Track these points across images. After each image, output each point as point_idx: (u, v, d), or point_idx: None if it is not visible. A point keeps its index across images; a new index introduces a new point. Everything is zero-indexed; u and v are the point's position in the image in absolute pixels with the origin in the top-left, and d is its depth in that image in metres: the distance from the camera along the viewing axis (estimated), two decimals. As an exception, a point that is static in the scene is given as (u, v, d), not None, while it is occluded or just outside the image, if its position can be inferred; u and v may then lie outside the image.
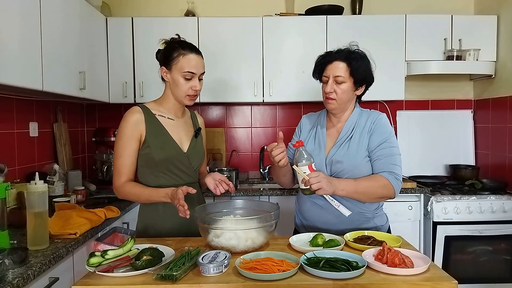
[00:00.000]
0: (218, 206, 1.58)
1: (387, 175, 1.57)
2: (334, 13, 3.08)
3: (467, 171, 3.13)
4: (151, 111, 1.64)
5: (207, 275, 1.15)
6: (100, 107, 3.33)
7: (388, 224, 1.77)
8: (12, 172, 2.21)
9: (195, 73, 1.60)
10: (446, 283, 1.11)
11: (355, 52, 1.63)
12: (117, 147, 1.60)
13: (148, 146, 1.60)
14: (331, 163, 1.63)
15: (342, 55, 1.62)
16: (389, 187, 1.57)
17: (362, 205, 1.63)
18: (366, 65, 1.63)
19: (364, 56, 1.65)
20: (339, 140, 1.66)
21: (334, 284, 1.10)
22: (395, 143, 1.63)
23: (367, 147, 1.62)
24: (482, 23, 3.08)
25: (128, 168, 1.59)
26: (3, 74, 1.69)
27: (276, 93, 3.05)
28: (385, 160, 1.59)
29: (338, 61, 1.61)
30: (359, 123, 1.67)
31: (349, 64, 1.60)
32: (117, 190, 1.60)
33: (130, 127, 1.58)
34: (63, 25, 2.25)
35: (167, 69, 1.63)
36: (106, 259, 1.20)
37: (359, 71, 1.60)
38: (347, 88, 1.61)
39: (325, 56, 1.66)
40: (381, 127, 1.63)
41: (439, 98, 3.45)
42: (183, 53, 1.60)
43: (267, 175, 3.35)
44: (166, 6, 3.37)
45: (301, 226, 1.78)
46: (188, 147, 1.69)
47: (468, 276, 2.70)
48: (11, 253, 1.34)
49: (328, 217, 1.65)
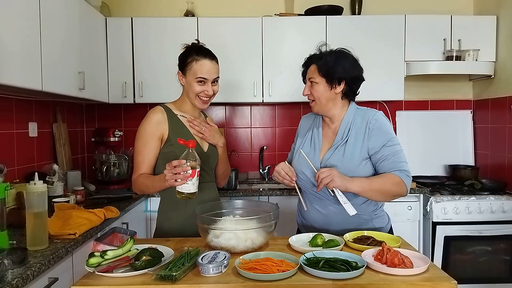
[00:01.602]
0: (218, 206, 1.58)
1: (398, 173, 1.56)
2: (333, 13, 3.08)
3: (466, 171, 3.13)
4: (173, 111, 1.69)
5: (207, 276, 1.15)
6: (99, 107, 3.32)
7: (390, 225, 1.74)
8: (11, 172, 2.21)
9: (207, 79, 1.64)
10: (446, 283, 1.11)
11: (328, 53, 1.64)
12: (137, 144, 1.65)
13: (171, 144, 1.63)
14: (326, 167, 1.60)
15: (314, 57, 1.66)
16: (402, 185, 1.55)
17: (359, 207, 1.60)
18: (337, 60, 1.60)
19: (336, 52, 1.64)
20: (335, 143, 1.64)
21: (334, 284, 1.10)
22: (396, 140, 1.61)
23: (368, 150, 1.60)
24: (481, 24, 3.08)
25: (147, 164, 1.63)
26: (3, 74, 1.68)
27: (275, 93, 3.05)
28: (392, 159, 1.57)
29: (312, 64, 1.65)
30: (354, 123, 1.64)
31: (317, 64, 1.62)
32: (133, 184, 1.67)
33: (153, 126, 1.63)
34: (63, 25, 2.25)
35: (182, 73, 1.68)
36: (106, 259, 1.19)
37: (329, 69, 1.59)
38: (321, 89, 1.62)
39: (307, 61, 1.70)
40: (380, 127, 1.61)
41: (439, 98, 3.45)
42: (196, 58, 1.64)
43: (266, 175, 3.35)
44: (165, 6, 3.37)
45: (301, 226, 1.79)
46: (208, 147, 1.74)
47: (467, 276, 2.70)
48: (11, 254, 1.34)
49: (325, 219, 1.64)
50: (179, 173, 1.38)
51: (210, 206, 1.56)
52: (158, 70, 2.99)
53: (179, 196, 1.43)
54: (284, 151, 3.44)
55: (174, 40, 1.73)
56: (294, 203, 2.80)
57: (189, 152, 1.41)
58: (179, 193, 1.42)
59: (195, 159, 1.41)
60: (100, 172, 2.89)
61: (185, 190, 1.41)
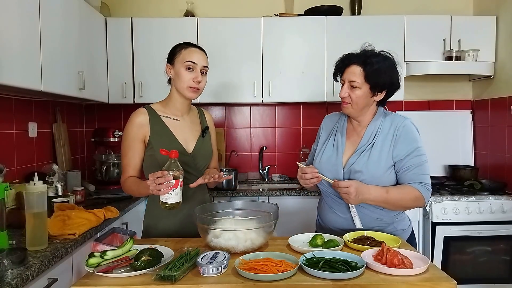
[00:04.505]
0: (217, 207, 1.58)
1: (418, 187, 1.52)
2: (333, 14, 3.09)
3: (466, 172, 3.13)
4: (156, 112, 1.67)
5: (206, 276, 1.15)
6: (99, 107, 3.32)
7: (411, 228, 1.69)
8: (11, 173, 2.20)
9: (196, 63, 1.61)
10: (445, 283, 1.11)
11: (375, 55, 1.53)
12: (123, 147, 1.66)
13: (152, 147, 1.62)
14: (350, 172, 1.55)
15: (360, 59, 1.53)
16: (420, 199, 1.52)
17: (381, 211, 1.57)
18: (387, 69, 1.52)
19: (386, 58, 1.55)
20: (360, 147, 1.57)
21: (333, 285, 1.10)
22: (423, 149, 1.55)
23: (393, 157, 1.54)
24: (481, 24, 3.08)
25: (132, 167, 1.64)
26: (3, 74, 1.68)
27: (275, 93, 3.05)
28: (415, 171, 1.53)
29: (355, 65, 1.53)
30: (382, 128, 1.57)
31: (364, 69, 1.51)
32: (121, 186, 1.68)
33: (134, 129, 1.63)
34: (63, 26, 2.25)
35: (170, 64, 1.66)
36: (105, 259, 1.19)
37: (376, 77, 1.50)
38: (362, 94, 1.53)
39: (344, 60, 1.58)
40: (408, 134, 1.55)
41: (438, 98, 3.45)
42: (185, 47, 1.65)
43: (266, 175, 3.35)
44: (165, 6, 3.37)
45: (319, 228, 1.75)
46: (194, 147, 1.69)
47: (467, 276, 2.70)
48: (10, 254, 1.34)
49: (346, 223, 1.60)
50: (162, 183, 1.37)
51: (210, 206, 1.56)
52: (158, 70, 2.94)
53: (163, 206, 1.43)
54: (284, 151, 3.44)
55: (174, 40, 1.72)
56: (294, 203, 2.82)
57: (171, 162, 1.41)
58: (163, 203, 1.43)
59: (178, 169, 1.40)
60: (99, 172, 2.89)
61: (168, 200, 1.41)
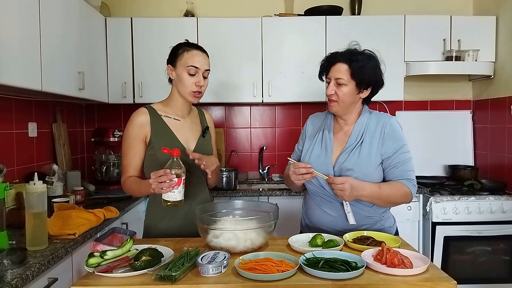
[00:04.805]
0: (217, 207, 1.57)
1: (406, 183, 1.57)
2: (333, 14, 3.09)
3: (466, 172, 3.13)
4: (157, 112, 1.67)
5: (206, 276, 1.15)
6: (99, 107, 3.32)
7: (396, 226, 1.73)
8: (11, 173, 2.20)
9: (199, 68, 1.61)
10: (445, 283, 1.11)
11: (360, 53, 1.56)
12: (123, 147, 1.66)
13: (152, 147, 1.62)
14: (341, 170, 1.56)
15: (345, 57, 1.55)
16: (408, 195, 1.58)
17: (370, 209, 1.60)
18: (372, 67, 1.55)
19: (370, 57, 1.57)
20: (348, 146, 1.59)
21: (333, 285, 1.10)
22: (407, 147, 1.60)
23: (381, 154, 1.57)
24: (481, 24, 3.08)
25: (133, 167, 1.64)
26: (3, 74, 1.68)
27: (275, 93, 3.05)
28: (402, 168, 1.58)
29: (341, 63, 1.55)
30: (368, 126, 1.60)
31: (350, 66, 1.53)
32: (122, 186, 1.67)
33: (135, 129, 1.62)
34: (62, 26, 2.25)
35: (172, 66, 1.65)
36: (105, 259, 1.19)
37: (362, 73, 1.53)
38: (348, 91, 1.55)
39: (329, 58, 1.60)
40: (394, 132, 1.59)
41: (438, 98, 3.45)
42: (187, 49, 1.63)
43: (266, 175, 3.35)
44: (165, 6, 3.37)
45: (305, 227, 1.75)
46: (195, 147, 1.69)
47: (467, 276, 2.70)
48: (10, 254, 1.34)
49: (334, 221, 1.61)
50: (164, 181, 1.37)
51: (210, 206, 1.56)
52: (158, 70, 2.96)
53: (165, 204, 1.43)
54: (284, 151, 3.44)
55: (174, 40, 1.72)
56: (294, 203, 2.82)
57: (173, 160, 1.41)
58: (165, 201, 1.43)
59: (180, 167, 1.41)
60: (99, 172, 2.89)
61: (171, 198, 1.41)
